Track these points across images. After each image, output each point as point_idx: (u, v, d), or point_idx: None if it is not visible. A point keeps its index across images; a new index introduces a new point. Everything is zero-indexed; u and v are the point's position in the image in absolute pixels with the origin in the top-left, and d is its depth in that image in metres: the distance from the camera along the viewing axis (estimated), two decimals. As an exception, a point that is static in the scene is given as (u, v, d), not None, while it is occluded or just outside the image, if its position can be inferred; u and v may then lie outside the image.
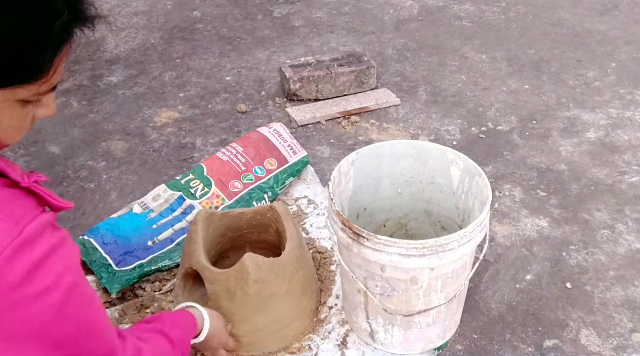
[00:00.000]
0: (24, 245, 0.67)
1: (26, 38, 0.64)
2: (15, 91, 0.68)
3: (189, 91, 2.43)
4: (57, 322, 0.71)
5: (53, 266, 0.69)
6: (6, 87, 0.67)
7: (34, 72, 0.68)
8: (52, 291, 0.69)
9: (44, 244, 0.69)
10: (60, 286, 0.70)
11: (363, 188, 1.39)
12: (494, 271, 1.57)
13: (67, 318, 0.72)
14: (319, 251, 1.59)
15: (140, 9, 3.18)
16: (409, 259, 1.10)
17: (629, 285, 1.52)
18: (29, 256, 0.67)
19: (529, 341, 1.38)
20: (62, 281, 0.70)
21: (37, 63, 0.67)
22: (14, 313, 0.67)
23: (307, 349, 1.34)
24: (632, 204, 1.78)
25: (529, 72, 2.52)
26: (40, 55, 0.67)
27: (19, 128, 0.73)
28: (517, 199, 1.81)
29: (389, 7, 3.14)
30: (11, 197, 0.70)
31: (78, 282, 0.74)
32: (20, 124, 0.73)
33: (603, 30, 2.86)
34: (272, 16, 3.07)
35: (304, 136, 2.13)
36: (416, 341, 1.31)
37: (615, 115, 2.23)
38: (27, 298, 0.67)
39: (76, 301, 0.73)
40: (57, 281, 0.70)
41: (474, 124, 2.19)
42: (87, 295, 0.77)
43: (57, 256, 0.70)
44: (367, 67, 2.33)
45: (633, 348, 1.36)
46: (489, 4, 3.15)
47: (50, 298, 0.69)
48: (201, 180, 1.69)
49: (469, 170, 1.30)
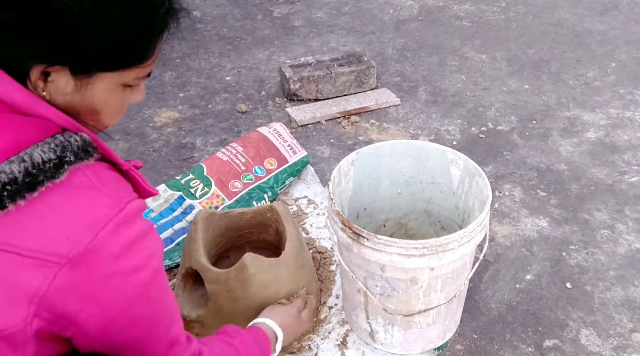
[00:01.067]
0: (125, 222, 0.72)
1: (136, 27, 0.74)
2: (123, 74, 0.77)
3: (189, 91, 2.43)
4: (141, 299, 0.76)
5: (145, 248, 0.75)
6: (117, 70, 0.75)
7: (141, 56, 0.77)
8: (143, 270, 0.74)
9: (139, 225, 0.74)
10: (149, 267, 0.75)
11: (363, 188, 1.39)
12: (494, 271, 1.57)
13: (149, 298, 0.77)
14: (319, 251, 1.59)
15: (140, 9, 3.18)
16: (409, 259, 1.10)
17: (629, 285, 1.52)
18: (127, 233, 0.72)
19: (529, 341, 1.38)
20: (150, 263, 0.75)
21: (144, 48, 0.76)
22: (110, 282, 0.71)
23: (307, 349, 1.34)
24: (632, 204, 1.78)
25: (529, 72, 2.52)
26: (147, 42, 0.76)
27: (119, 111, 0.82)
28: (517, 199, 1.81)
29: (389, 7, 3.14)
30: (115, 178, 0.77)
31: (161, 268, 0.79)
32: (120, 106, 0.82)
33: (603, 30, 2.86)
34: (272, 16, 3.07)
35: (304, 136, 2.13)
36: (416, 341, 1.31)
37: (615, 115, 2.23)
38: (122, 270, 0.72)
39: (158, 285, 0.79)
40: (147, 262, 0.75)
41: (474, 124, 2.19)
42: (166, 283, 0.82)
43: (148, 239, 0.76)
44: (367, 67, 2.33)
45: (633, 348, 1.36)
46: (489, 4, 3.15)
47: (140, 276, 0.74)
48: (201, 180, 1.69)
49: (469, 170, 1.30)
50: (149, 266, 0.75)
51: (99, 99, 0.77)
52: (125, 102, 0.82)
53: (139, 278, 0.74)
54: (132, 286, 0.74)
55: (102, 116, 0.80)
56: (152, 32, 0.76)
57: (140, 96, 0.84)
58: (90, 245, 0.69)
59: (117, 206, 0.72)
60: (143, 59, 0.77)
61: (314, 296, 1.39)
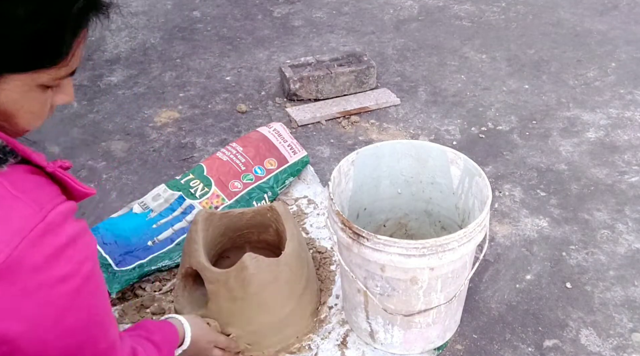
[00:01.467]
0: (48, 231, 0.68)
1: (44, 22, 0.67)
2: (35, 75, 0.70)
3: (189, 91, 2.43)
4: (73, 309, 0.72)
5: (75, 254, 0.71)
6: (27, 71, 0.69)
7: (54, 56, 0.70)
8: (72, 278, 0.71)
9: (67, 231, 0.70)
10: (80, 274, 0.71)
11: (363, 188, 1.39)
12: (494, 271, 1.57)
13: (82, 305, 0.73)
14: (319, 251, 1.59)
15: (140, 9, 3.18)
16: (409, 259, 1.10)
17: (629, 285, 1.52)
18: (53, 242, 0.68)
19: (529, 341, 1.38)
20: (82, 269, 0.72)
21: (56, 47, 0.70)
22: (35, 295, 0.68)
23: (307, 349, 1.34)
24: (632, 204, 1.78)
25: (529, 72, 2.52)
26: (59, 39, 0.69)
27: (39, 114, 0.75)
28: (517, 199, 1.81)
29: (389, 7, 3.14)
30: (36, 183, 0.71)
31: (95, 271, 0.75)
32: (40, 109, 0.75)
33: (603, 30, 2.86)
34: (272, 16, 3.07)
35: (304, 136, 2.13)
36: (416, 341, 1.31)
37: (615, 115, 2.23)
38: (48, 281, 0.68)
39: (92, 290, 0.75)
40: (77, 269, 0.71)
41: (474, 124, 2.19)
42: (101, 286, 0.78)
43: (79, 244, 0.72)
44: (367, 67, 2.33)
45: (633, 348, 1.36)
46: (489, 4, 3.15)
47: (70, 284, 0.71)
48: (201, 180, 1.69)
49: (469, 170, 1.30)
50: (79, 273, 0.71)
51: (11, 102, 0.70)
52: (45, 104, 0.75)
53: (69, 286, 0.70)
54: (61, 296, 0.70)
55: (19, 120, 0.73)
56: (64, 30, 0.69)
57: (67, 97, 0.78)
58: (10, 259, 0.64)
59: (38, 215, 0.68)
60: (56, 59, 0.70)
61: (310, 297, 1.38)
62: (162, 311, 1.43)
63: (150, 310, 1.43)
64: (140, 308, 1.44)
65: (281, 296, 1.28)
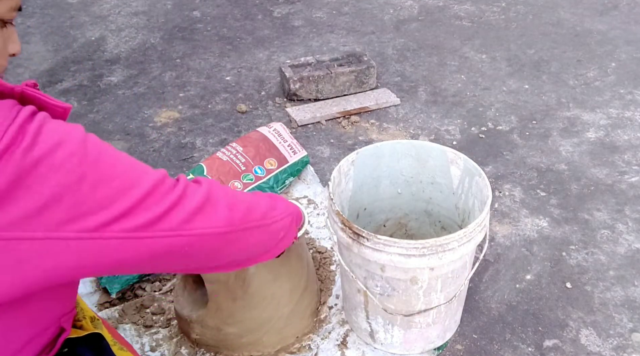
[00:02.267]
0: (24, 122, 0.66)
1: None
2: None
3: (189, 91, 2.43)
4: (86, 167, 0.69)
5: (56, 127, 0.69)
6: None
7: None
8: (65, 144, 0.68)
9: (40, 117, 0.68)
10: (71, 139, 0.69)
11: (363, 188, 1.39)
12: (494, 271, 1.57)
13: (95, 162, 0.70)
14: (319, 251, 1.59)
15: (140, 9, 3.18)
16: (409, 259, 1.10)
17: (629, 285, 1.52)
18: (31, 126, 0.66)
19: (529, 341, 1.38)
20: (71, 136, 0.69)
21: None
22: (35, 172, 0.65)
23: (307, 349, 1.34)
24: (632, 204, 1.78)
25: (529, 72, 2.52)
26: None
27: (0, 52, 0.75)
28: (517, 199, 1.81)
29: (389, 7, 3.14)
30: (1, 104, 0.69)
31: (90, 136, 0.72)
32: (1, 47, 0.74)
33: (603, 30, 2.86)
34: (272, 16, 3.07)
35: (304, 136, 2.13)
36: (416, 341, 1.31)
37: (615, 115, 2.23)
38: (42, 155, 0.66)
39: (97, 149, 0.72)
40: (66, 137, 0.69)
41: (474, 124, 2.19)
42: (107, 145, 0.75)
43: (54, 123, 0.70)
44: (367, 67, 2.33)
45: (633, 348, 1.36)
46: (489, 4, 3.15)
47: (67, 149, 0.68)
48: (201, 180, 1.69)
49: (469, 170, 1.30)
50: (72, 138, 0.69)
51: None
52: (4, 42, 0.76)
53: (68, 149, 0.68)
54: (64, 160, 0.67)
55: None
56: None
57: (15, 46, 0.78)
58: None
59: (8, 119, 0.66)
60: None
61: (310, 297, 1.38)
62: (162, 311, 1.43)
63: (150, 310, 1.43)
64: (140, 308, 1.44)
65: (281, 296, 1.28)
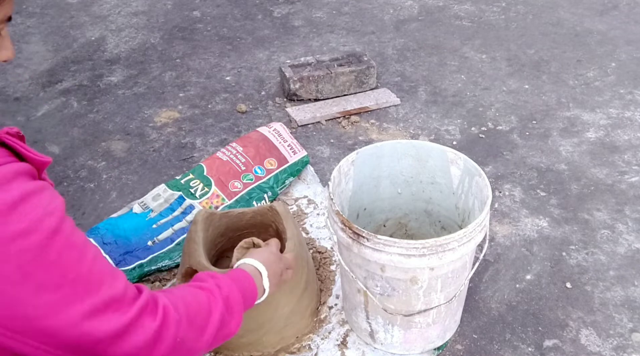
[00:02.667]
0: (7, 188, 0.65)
1: None
2: None
3: (189, 91, 2.43)
4: (41, 264, 0.68)
5: (30, 209, 0.67)
6: None
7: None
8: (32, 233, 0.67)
9: (19, 187, 0.67)
10: (40, 229, 0.67)
11: (363, 188, 1.39)
12: (494, 271, 1.57)
13: (52, 261, 0.69)
14: (319, 251, 1.59)
15: (140, 9, 3.18)
16: (409, 259, 1.10)
17: (629, 285, 1.52)
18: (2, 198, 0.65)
19: (529, 341, 1.38)
20: (42, 225, 0.68)
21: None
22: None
23: (307, 349, 1.34)
24: (632, 204, 1.78)
25: (529, 72, 2.52)
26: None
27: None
28: (517, 199, 1.81)
29: (389, 7, 3.14)
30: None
31: (63, 228, 0.71)
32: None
33: (603, 30, 2.86)
34: (272, 16, 3.07)
35: (304, 136, 2.13)
36: (416, 341, 1.31)
37: (615, 115, 2.23)
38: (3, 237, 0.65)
39: (62, 246, 0.70)
40: (36, 224, 0.67)
41: (474, 124, 2.19)
42: (76, 244, 0.72)
43: (34, 200, 0.68)
44: (367, 67, 2.33)
45: (633, 348, 1.36)
46: (489, 4, 3.15)
47: (31, 240, 0.67)
48: (201, 180, 1.69)
49: (469, 170, 1.30)
50: (40, 229, 0.67)
51: None
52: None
53: (30, 242, 0.66)
54: (21, 252, 0.66)
55: None
56: None
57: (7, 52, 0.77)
58: None
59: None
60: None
61: (310, 297, 1.38)
62: (162, 311, 1.42)
63: (150, 310, 1.43)
64: (140, 308, 1.44)
65: (281, 296, 1.28)
